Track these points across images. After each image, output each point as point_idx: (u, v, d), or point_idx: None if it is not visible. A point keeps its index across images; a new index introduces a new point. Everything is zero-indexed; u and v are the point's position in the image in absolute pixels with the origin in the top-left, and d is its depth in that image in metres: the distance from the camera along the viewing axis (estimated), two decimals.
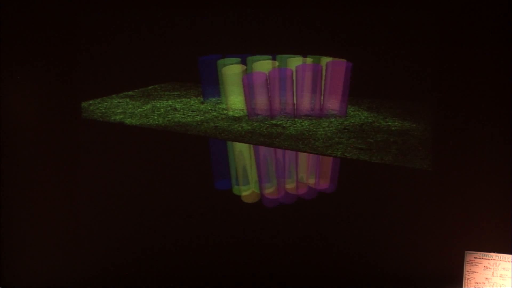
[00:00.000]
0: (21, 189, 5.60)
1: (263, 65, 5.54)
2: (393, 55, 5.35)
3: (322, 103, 5.47)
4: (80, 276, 5.56)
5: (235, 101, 5.62)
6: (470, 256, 4.78)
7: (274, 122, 5.55)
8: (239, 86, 5.59)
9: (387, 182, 5.35)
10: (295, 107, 5.50)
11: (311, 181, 5.53)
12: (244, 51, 5.53)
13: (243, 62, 5.56)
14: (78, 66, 5.60)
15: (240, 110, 5.62)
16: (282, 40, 5.46)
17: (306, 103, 5.49)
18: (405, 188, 5.33)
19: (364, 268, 5.36)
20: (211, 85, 5.62)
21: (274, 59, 5.52)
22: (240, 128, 5.58)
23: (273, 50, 5.50)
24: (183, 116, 5.66)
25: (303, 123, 5.52)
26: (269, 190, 5.56)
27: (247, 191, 5.59)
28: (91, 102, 5.68)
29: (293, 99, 5.50)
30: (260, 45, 5.49)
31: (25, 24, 5.56)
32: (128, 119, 5.67)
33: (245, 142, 5.56)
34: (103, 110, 5.68)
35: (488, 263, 4.71)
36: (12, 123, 5.59)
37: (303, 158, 5.50)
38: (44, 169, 5.60)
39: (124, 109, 5.69)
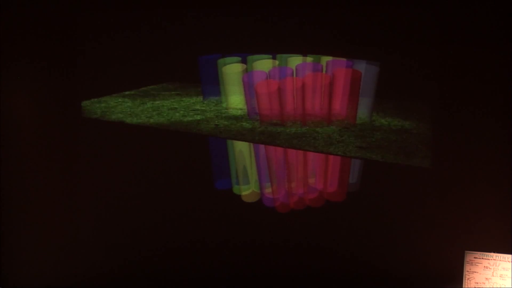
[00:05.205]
0: (21, 188, 5.60)
1: (263, 64, 5.53)
2: (393, 55, 5.34)
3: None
4: (80, 276, 5.57)
5: (235, 100, 5.62)
6: (470, 256, 4.78)
7: (274, 121, 5.55)
8: (239, 85, 5.59)
9: (387, 182, 5.35)
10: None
11: (311, 180, 5.53)
12: (244, 51, 5.53)
13: (243, 61, 5.55)
14: (78, 65, 5.60)
15: (240, 109, 5.61)
16: (282, 40, 5.45)
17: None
18: (405, 188, 5.33)
19: (363, 267, 5.36)
20: (211, 85, 5.62)
21: (274, 58, 5.52)
22: (240, 127, 5.58)
23: (273, 49, 5.49)
24: (183, 115, 5.66)
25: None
26: (269, 190, 5.55)
27: (247, 191, 5.59)
28: (91, 101, 5.67)
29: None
30: (260, 45, 5.49)
31: (25, 23, 5.55)
32: (128, 118, 5.66)
33: (245, 141, 5.56)
34: (103, 109, 5.68)
35: (488, 263, 4.71)
36: (12, 123, 5.59)
37: (304, 157, 5.50)
38: (44, 168, 5.61)
39: (124, 108, 5.69)
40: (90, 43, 5.58)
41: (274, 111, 5.53)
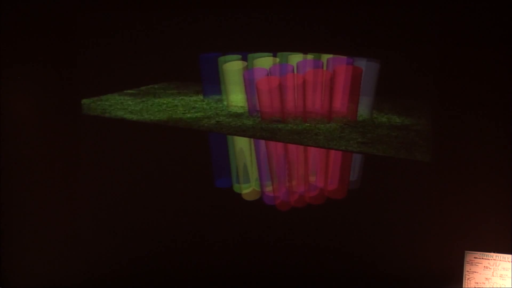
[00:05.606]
0: (21, 187, 5.60)
1: (264, 62, 5.52)
2: (394, 52, 5.33)
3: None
4: (80, 276, 5.58)
5: (236, 98, 5.61)
6: (470, 256, 4.78)
7: (275, 118, 5.54)
8: (240, 82, 5.58)
9: (387, 181, 5.35)
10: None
11: (312, 178, 5.53)
12: (244, 49, 5.51)
13: (244, 59, 5.54)
14: (78, 64, 5.59)
15: (240, 106, 5.61)
16: (283, 38, 5.43)
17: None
18: (405, 188, 5.32)
19: (363, 266, 5.36)
20: (212, 83, 5.61)
21: (275, 56, 5.51)
22: (241, 124, 5.57)
23: (274, 48, 5.48)
24: (184, 113, 5.65)
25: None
26: (270, 188, 5.55)
27: (247, 189, 5.59)
28: (91, 99, 5.67)
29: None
30: (260, 43, 5.47)
31: (25, 23, 5.54)
32: (129, 116, 5.65)
33: (246, 137, 5.55)
34: (104, 108, 5.67)
35: (488, 263, 4.71)
36: (12, 122, 5.58)
37: (304, 155, 5.50)
38: (44, 167, 5.61)
39: (125, 106, 5.68)
40: (90, 42, 5.57)
41: (275, 108, 5.53)
